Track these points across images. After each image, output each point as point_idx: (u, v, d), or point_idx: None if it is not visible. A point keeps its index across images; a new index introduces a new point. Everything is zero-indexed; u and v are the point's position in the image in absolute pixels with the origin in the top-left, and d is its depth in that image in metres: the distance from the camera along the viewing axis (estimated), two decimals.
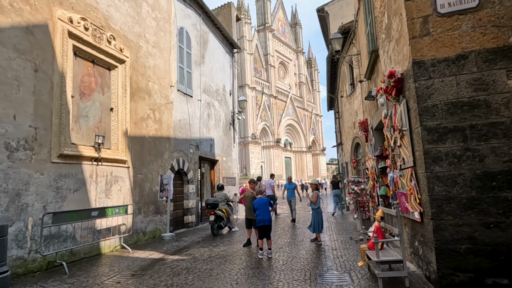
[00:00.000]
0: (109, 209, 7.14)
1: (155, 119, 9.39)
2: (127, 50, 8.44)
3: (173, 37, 10.50)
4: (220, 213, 9.45)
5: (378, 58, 6.39)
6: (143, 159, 8.78)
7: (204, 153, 12.14)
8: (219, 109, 13.71)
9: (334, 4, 19.06)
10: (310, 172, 56.56)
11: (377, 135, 7.71)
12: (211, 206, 9.53)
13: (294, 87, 57.61)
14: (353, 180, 7.99)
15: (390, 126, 5.52)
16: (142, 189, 8.65)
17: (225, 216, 9.65)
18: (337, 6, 18.98)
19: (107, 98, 7.91)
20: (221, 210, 9.55)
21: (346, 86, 11.40)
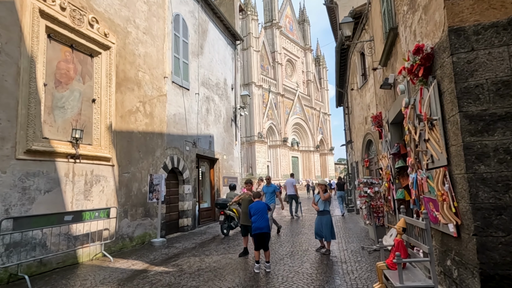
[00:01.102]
0: (86, 212, 6.30)
1: (145, 112, 8.53)
2: (113, 35, 7.59)
3: (167, 24, 9.64)
4: (231, 213, 9.27)
5: (397, 38, 5.40)
6: (131, 156, 7.93)
7: (202, 150, 11.26)
8: (220, 104, 12.82)
9: None
10: (318, 172, 55.35)
11: (394, 130, 6.71)
12: (220, 206, 9.30)
13: (302, 85, 56.45)
14: (366, 182, 7.01)
15: (413, 117, 4.54)
16: (129, 189, 7.80)
17: (236, 216, 9.43)
18: None
19: (88, 88, 7.07)
20: (231, 210, 9.36)
21: (357, 77, 10.39)
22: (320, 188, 6.66)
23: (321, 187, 6.66)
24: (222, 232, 9.11)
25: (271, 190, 9.20)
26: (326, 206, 6.65)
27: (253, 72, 44.85)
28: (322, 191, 6.67)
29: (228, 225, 9.25)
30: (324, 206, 6.63)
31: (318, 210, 6.65)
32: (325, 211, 6.61)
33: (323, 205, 6.65)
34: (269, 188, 9.27)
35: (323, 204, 6.67)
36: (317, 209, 6.67)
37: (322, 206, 6.66)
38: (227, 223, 9.24)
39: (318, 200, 6.69)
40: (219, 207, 9.30)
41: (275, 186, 9.52)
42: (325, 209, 6.62)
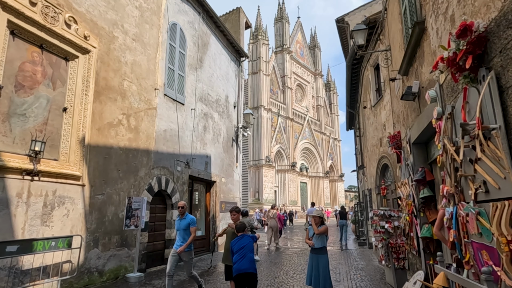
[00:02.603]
0: (39, 242, 5.17)
1: (129, 126, 7.54)
2: (94, 38, 6.76)
3: (162, 33, 8.85)
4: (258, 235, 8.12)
5: (424, 34, 4.35)
6: (108, 175, 6.87)
7: (197, 172, 10.16)
8: (219, 122, 11.83)
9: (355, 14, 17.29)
10: (327, 199, 53.33)
11: (417, 151, 5.53)
12: None
13: (312, 110, 55.62)
14: (383, 214, 5.74)
15: (450, 130, 3.39)
16: (102, 214, 6.67)
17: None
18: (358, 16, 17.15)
19: (59, 95, 6.15)
20: None
21: (370, 94, 9.32)
22: (314, 220, 5.35)
23: (315, 219, 5.34)
24: None
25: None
26: (323, 242, 5.29)
27: (262, 96, 44.32)
28: (315, 224, 5.38)
29: None
30: (322, 242, 5.29)
31: (313, 246, 5.33)
32: (322, 249, 5.27)
33: (320, 241, 5.30)
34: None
35: (319, 239, 5.32)
36: (311, 244, 5.36)
37: (318, 242, 5.31)
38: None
39: (313, 234, 5.37)
40: None
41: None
42: (323, 246, 5.28)
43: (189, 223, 5.63)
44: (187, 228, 5.62)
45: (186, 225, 5.62)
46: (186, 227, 5.61)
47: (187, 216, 5.73)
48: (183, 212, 5.70)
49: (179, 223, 5.70)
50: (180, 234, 5.65)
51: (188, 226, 5.62)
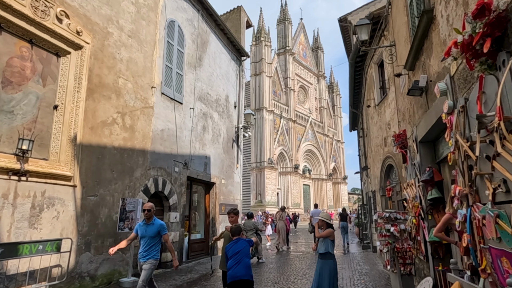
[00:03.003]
0: (25, 245, 4.92)
1: (124, 125, 7.29)
2: (88, 34, 6.54)
3: (159, 30, 8.62)
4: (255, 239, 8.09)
5: (433, 24, 4.06)
6: (101, 176, 6.62)
7: (196, 173, 9.89)
8: (219, 122, 11.57)
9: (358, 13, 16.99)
10: (330, 201, 52.85)
11: (425, 150, 5.23)
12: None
13: (315, 111, 55.26)
14: (388, 217, 5.43)
15: (463, 125, 3.10)
16: (95, 216, 6.42)
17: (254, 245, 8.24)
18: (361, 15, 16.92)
19: (50, 92, 5.92)
20: None
21: (374, 93, 9.02)
22: (316, 224, 5.06)
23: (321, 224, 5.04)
24: None
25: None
26: (328, 247, 4.94)
27: (265, 97, 44.06)
28: (317, 228, 5.10)
29: None
30: (325, 247, 4.96)
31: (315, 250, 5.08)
32: (327, 254, 4.94)
33: (323, 246, 4.99)
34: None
35: (323, 244, 5.00)
36: (313, 248, 5.06)
37: (321, 246, 5.01)
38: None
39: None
40: None
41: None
42: (327, 252, 4.94)
43: (159, 230, 4.80)
44: (156, 235, 4.79)
45: (154, 232, 4.76)
46: (155, 234, 4.78)
47: (155, 221, 4.87)
48: (149, 216, 4.81)
49: (144, 230, 4.80)
50: (146, 242, 4.78)
51: (157, 233, 4.80)
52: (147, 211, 4.82)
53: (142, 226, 4.87)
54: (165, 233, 4.89)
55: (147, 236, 4.78)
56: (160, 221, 4.95)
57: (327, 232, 5.02)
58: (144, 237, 4.81)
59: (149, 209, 4.84)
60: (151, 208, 4.86)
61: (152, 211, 4.86)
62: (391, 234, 5.23)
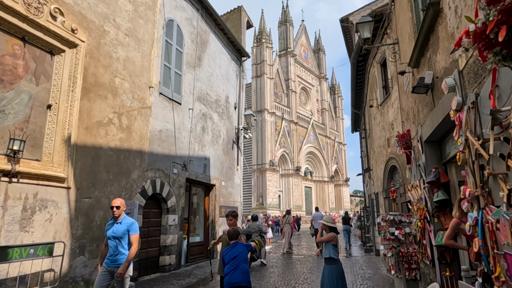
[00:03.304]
0: (15, 249, 4.75)
1: (120, 125, 7.13)
2: (83, 32, 6.38)
3: (157, 29, 8.46)
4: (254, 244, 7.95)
5: (439, 17, 3.87)
6: (96, 177, 6.44)
7: (195, 174, 9.71)
8: (219, 123, 11.39)
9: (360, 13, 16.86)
10: (332, 204, 52.52)
11: (430, 150, 5.03)
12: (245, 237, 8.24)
13: (316, 113, 55.05)
14: (392, 220, 5.22)
15: (474, 122, 2.90)
16: (90, 219, 6.24)
17: (258, 248, 8.49)
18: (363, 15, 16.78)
19: (43, 91, 5.76)
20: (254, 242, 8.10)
21: (376, 92, 8.82)
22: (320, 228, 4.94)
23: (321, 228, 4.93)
24: None
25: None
26: (330, 252, 4.79)
27: (266, 99, 43.90)
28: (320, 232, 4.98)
29: (251, 256, 8.54)
30: (328, 252, 4.80)
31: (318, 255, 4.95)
32: (330, 259, 4.78)
33: (326, 250, 4.83)
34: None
35: (325, 248, 4.86)
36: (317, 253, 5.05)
37: (325, 251, 4.86)
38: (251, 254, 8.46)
39: None
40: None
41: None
42: (330, 256, 4.78)
43: (128, 229, 4.12)
44: (125, 235, 4.12)
45: (123, 231, 4.11)
46: (123, 234, 4.11)
47: (125, 219, 4.24)
48: (119, 214, 4.21)
49: (112, 229, 4.17)
50: (114, 245, 4.11)
51: (126, 233, 4.12)
52: (116, 208, 4.16)
53: (110, 224, 4.26)
54: (134, 233, 4.17)
55: (115, 237, 4.11)
56: (131, 219, 4.30)
57: (328, 237, 4.88)
58: (112, 238, 4.15)
59: (118, 205, 4.19)
60: (120, 205, 4.21)
61: (121, 208, 4.23)
62: (396, 238, 5.03)
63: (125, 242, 4.15)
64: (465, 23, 2.96)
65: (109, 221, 4.38)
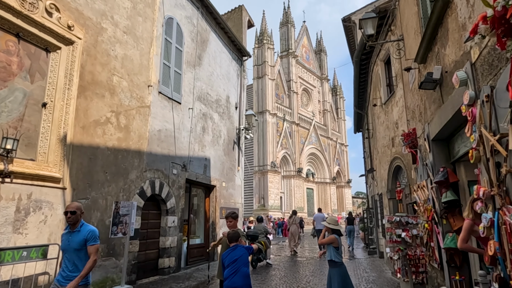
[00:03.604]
0: (7, 251, 4.58)
1: (118, 125, 6.97)
2: (80, 29, 6.24)
3: (156, 27, 8.32)
4: (260, 245, 9.13)
5: (449, 8, 3.69)
6: (93, 177, 6.28)
7: (195, 175, 9.53)
8: (220, 123, 11.23)
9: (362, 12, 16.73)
10: (334, 205, 52.21)
11: (438, 149, 4.84)
12: (251, 238, 8.73)
13: (318, 114, 54.83)
14: (399, 221, 5.03)
15: (489, 116, 2.72)
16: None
17: (264, 249, 9.49)
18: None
19: (38, 89, 5.61)
20: (260, 243, 9.21)
21: (380, 91, 8.64)
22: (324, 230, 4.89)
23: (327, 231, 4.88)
24: (252, 265, 9.12)
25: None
26: (331, 254, 4.79)
27: (267, 100, 43.75)
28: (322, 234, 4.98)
29: (257, 257, 9.37)
30: (329, 254, 4.82)
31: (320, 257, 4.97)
32: (331, 262, 4.79)
33: (328, 253, 4.85)
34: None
35: (328, 251, 4.85)
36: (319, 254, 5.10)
37: (327, 253, 4.87)
38: (256, 255, 9.31)
39: None
40: (250, 239, 8.66)
41: None
42: (330, 258, 4.79)
43: (86, 238, 3.35)
44: (82, 247, 3.34)
45: (80, 242, 3.33)
46: (81, 246, 3.33)
47: (84, 227, 3.45)
48: (75, 221, 3.40)
49: (67, 240, 3.39)
50: (70, 258, 3.34)
51: (84, 244, 3.34)
52: (71, 214, 3.37)
53: (65, 234, 3.48)
54: (93, 243, 3.38)
55: (71, 249, 3.34)
56: (90, 227, 3.51)
57: (329, 239, 4.86)
58: (67, 250, 3.37)
59: (73, 210, 3.39)
60: (77, 210, 3.42)
61: (77, 214, 3.42)
62: (403, 240, 4.84)
63: (83, 255, 3.36)
64: (479, 11, 2.78)
65: (64, 230, 3.60)
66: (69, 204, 3.52)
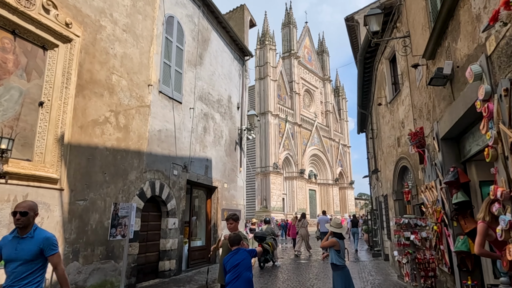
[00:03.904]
0: None
1: (117, 125, 6.82)
2: (78, 26, 6.10)
3: (157, 25, 8.18)
4: (267, 246, 9.60)
5: (460, 0, 3.51)
6: (91, 178, 6.13)
7: (196, 176, 9.37)
8: (221, 124, 11.07)
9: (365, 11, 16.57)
10: (337, 207, 51.92)
11: (447, 148, 4.66)
12: (259, 239, 9.32)
13: (320, 115, 54.60)
14: (407, 223, 4.84)
15: (508, 111, 2.54)
16: (84, 222, 5.92)
17: (271, 249, 9.81)
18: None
19: (35, 88, 5.47)
20: (267, 244, 9.68)
21: (385, 90, 8.45)
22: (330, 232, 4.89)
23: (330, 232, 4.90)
24: (260, 266, 9.58)
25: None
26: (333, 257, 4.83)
27: (269, 101, 43.59)
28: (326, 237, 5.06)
29: (264, 258, 9.66)
30: (331, 258, 4.88)
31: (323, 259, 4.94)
32: (333, 265, 4.86)
33: (330, 256, 4.91)
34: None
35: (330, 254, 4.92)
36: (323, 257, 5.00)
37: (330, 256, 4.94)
38: (264, 256, 9.60)
39: None
40: (258, 240, 9.25)
41: None
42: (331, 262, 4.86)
43: (41, 248, 2.63)
44: (36, 258, 2.62)
45: (33, 252, 2.60)
46: (34, 257, 2.61)
47: (38, 232, 2.72)
48: (26, 224, 2.66)
49: (15, 247, 2.61)
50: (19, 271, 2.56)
51: (39, 253, 2.62)
52: (20, 215, 2.63)
53: (10, 241, 2.67)
54: (53, 252, 2.69)
55: (20, 258, 2.58)
56: (46, 233, 2.77)
57: (329, 242, 4.88)
58: (14, 260, 2.58)
59: (24, 211, 2.65)
60: (29, 210, 2.68)
61: (30, 216, 2.68)
62: (411, 243, 4.65)
63: (36, 267, 2.63)
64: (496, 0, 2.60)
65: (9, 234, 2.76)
66: (19, 203, 2.73)
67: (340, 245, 4.98)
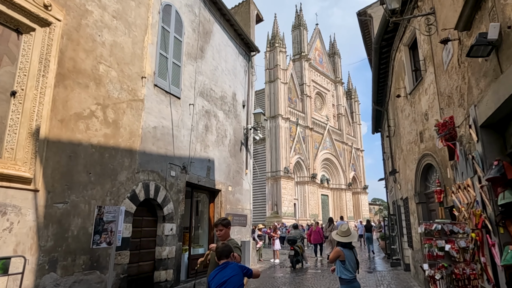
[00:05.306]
0: None
1: (105, 119, 6.16)
2: (59, 9, 5.49)
3: (152, 13, 7.54)
4: (298, 249, 10.76)
5: None
6: (73, 179, 5.46)
7: (197, 178, 8.64)
8: (225, 122, 10.34)
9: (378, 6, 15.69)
10: (350, 212, 50.40)
11: (489, 137, 3.79)
12: (291, 241, 11.03)
13: (332, 119, 53.40)
14: (440, 229, 3.96)
15: None
16: (63, 228, 5.24)
17: (300, 252, 10.84)
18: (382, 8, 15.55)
19: (6, 75, 4.85)
20: (298, 247, 10.86)
21: (404, 80, 7.56)
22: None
23: None
24: (292, 265, 10.71)
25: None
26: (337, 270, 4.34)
27: (280, 105, 42.77)
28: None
29: (296, 259, 10.72)
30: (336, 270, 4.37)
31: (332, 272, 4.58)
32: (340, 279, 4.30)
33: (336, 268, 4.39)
34: None
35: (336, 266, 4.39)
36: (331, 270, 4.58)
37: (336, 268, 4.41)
38: (296, 257, 10.69)
39: None
40: (290, 243, 11.02)
41: None
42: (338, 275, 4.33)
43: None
44: None
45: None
46: None
47: None
48: None
49: None
50: None
51: None
52: None
53: None
54: None
55: None
56: None
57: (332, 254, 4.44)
58: None
59: None
60: None
61: None
62: (447, 254, 3.77)
63: None
64: None
65: None
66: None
67: (346, 255, 4.24)
